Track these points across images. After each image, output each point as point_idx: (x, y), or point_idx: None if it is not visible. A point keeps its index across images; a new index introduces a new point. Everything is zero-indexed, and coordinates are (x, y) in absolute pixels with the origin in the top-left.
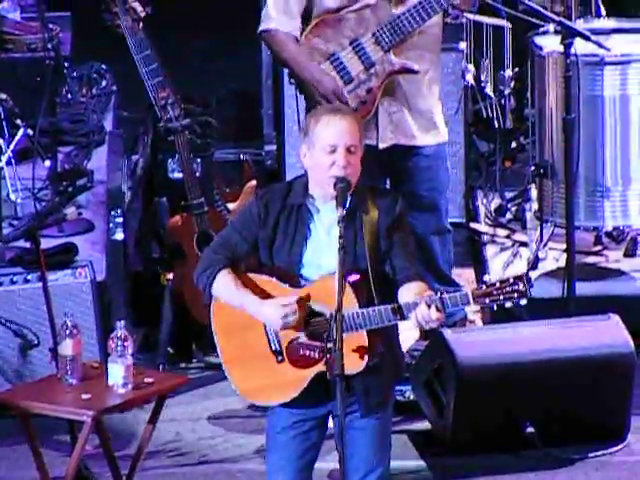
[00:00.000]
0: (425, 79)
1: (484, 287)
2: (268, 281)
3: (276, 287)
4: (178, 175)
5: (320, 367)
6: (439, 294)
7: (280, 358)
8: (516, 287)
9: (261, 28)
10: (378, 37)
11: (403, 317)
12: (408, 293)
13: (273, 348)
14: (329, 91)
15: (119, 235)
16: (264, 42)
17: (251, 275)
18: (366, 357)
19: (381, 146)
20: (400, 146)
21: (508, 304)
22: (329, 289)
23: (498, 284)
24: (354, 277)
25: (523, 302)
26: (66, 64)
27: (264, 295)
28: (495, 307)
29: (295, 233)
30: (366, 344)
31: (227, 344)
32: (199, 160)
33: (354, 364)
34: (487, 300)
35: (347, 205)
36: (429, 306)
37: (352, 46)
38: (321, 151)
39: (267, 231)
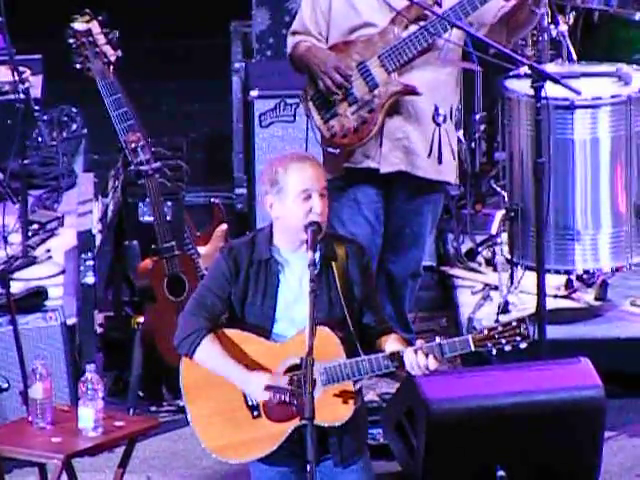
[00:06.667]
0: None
1: (485, 332)
2: (247, 337)
3: (257, 344)
4: (149, 218)
5: (298, 421)
6: (437, 341)
7: (256, 413)
8: (519, 330)
9: (292, 29)
10: (383, 59)
11: (401, 365)
12: (394, 343)
13: (249, 403)
14: (331, 67)
15: (90, 279)
16: (288, 41)
17: (229, 332)
18: (352, 408)
19: (383, 170)
20: (404, 174)
21: (508, 347)
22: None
23: (500, 327)
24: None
25: (523, 345)
26: (36, 107)
27: (247, 358)
28: (494, 351)
29: (265, 289)
30: (352, 395)
31: (197, 402)
32: (170, 203)
33: (339, 415)
34: (489, 344)
35: (317, 250)
36: (427, 355)
37: (358, 69)
38: (295, 199)
39: (239, 287)
